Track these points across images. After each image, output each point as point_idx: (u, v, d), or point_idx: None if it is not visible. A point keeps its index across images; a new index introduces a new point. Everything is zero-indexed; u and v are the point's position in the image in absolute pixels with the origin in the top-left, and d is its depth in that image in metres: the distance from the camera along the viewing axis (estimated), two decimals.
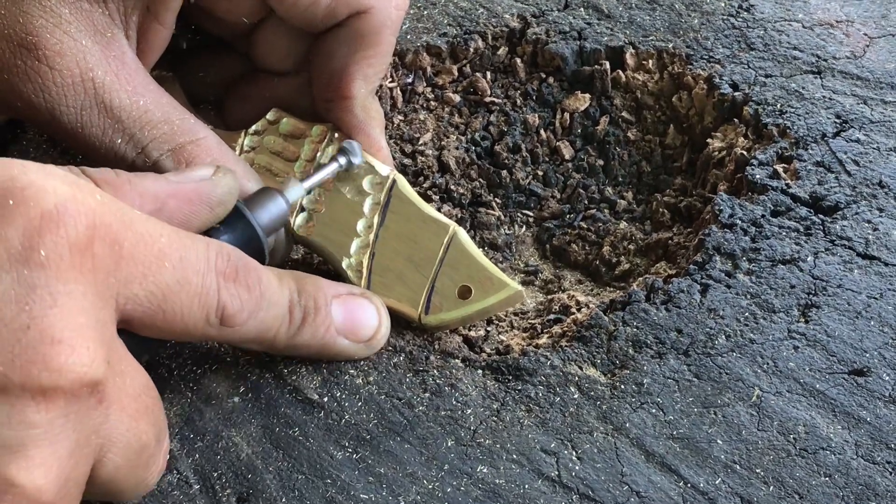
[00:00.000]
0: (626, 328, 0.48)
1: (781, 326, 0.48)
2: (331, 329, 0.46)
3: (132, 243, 0.37)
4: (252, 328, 0.42)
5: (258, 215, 0.46)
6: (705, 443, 0.44)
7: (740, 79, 0.62)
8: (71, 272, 0.34)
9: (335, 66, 0.52)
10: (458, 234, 0.50)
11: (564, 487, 0.43)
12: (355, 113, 0.52)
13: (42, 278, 0.34)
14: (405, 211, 0.51)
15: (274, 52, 0.54)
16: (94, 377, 0.35)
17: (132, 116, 0.46)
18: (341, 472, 0.43)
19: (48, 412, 0.34)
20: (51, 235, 0.34)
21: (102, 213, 0.36)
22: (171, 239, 0.39)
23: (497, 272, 0.49)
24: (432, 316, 0.49)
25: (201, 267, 0.40)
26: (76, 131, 0.46)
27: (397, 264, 0.50)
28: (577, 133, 0.65)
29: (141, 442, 0.38)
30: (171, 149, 0.47)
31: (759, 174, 0.56)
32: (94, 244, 0.35)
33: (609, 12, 0.67)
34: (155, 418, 0.39)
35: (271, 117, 0.54)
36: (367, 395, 0.46)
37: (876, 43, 0.64)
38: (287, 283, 0.44)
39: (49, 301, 0.34)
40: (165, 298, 0.38)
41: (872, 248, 0.51)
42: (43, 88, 0.45)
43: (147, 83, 0.47)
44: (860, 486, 0.42)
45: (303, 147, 0.53)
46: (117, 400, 0.36)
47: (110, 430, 0.36)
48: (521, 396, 0.46)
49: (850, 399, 0.45)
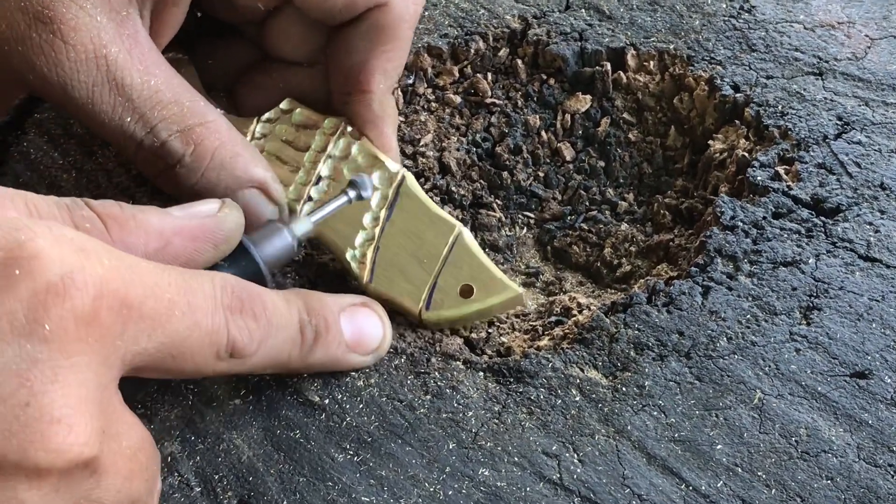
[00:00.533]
0: (627, 330, 0.48)
1: (783, 329, 0.48)
2: (342, 345, 0.45)
3: (140, 301, 0.36)
4: (264, 355, 0.42)
5: (263, 249, 0.45)
6: (707, 445, 0.44)
7: (741, 80, 0.61)
8: (76, 345, 0.34)
9: (354, 61, 0.52)
10: (464, 234, 0.50)
11: (566, 490, 0.43)
12: (373, 108, 0.52)
13: (45, 352, 0.33)
14: (412, 208, 0.51)
15: (288, 42, 0.54)
16: (89, 455, 0.34)
17: (143, 96, 0.46)
18: (342, 475, 0.43)
19: (40, 489, 0.33)
20: (56, 309, 0.33)
21: (110, 279, 0.35)
22: (178, 286, 0.38)
23: (499, 274, 0.50)
24: (433, 312, 0.49)
25: (209, 307, 0.39)
26: (86, 107, 0.46)
27: (401, 259, 0.50)
28: (578, 134, 0.65)
29: (131, 499, 0.37)
30: (179, 130, 0.47)
31: (761, 176, 0.56)
32: (101, 314, 0.34)
33: (610, 13, 0.67)
34: (149, 474, 0.38)
35: (285, 107, 0.54)
36: (369, 397, 0.46)
37: (877, 44, 0.64)
38: (295, 304, 0.44)
39: (50, 376, 0.33)
40: (175, 345, 0.37)
41: (874, 250, 0.51)
42: (56, 62, 0.44)
43: (159, 63, 0.47)
44: (862, 489, 0.42)
45: (314, 138, 0.53)
46: (111, 465, 0.36)
47: (101, 494, 0.36)
48: (522, 399, 0.46)
49: (852, 402, 0.45)
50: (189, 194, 0.48)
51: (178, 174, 0.47)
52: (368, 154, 0.52)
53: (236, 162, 0.48)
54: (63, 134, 0.59)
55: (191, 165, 0.47)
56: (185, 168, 0.47)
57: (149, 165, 0.48)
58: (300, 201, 0.51)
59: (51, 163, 0.57)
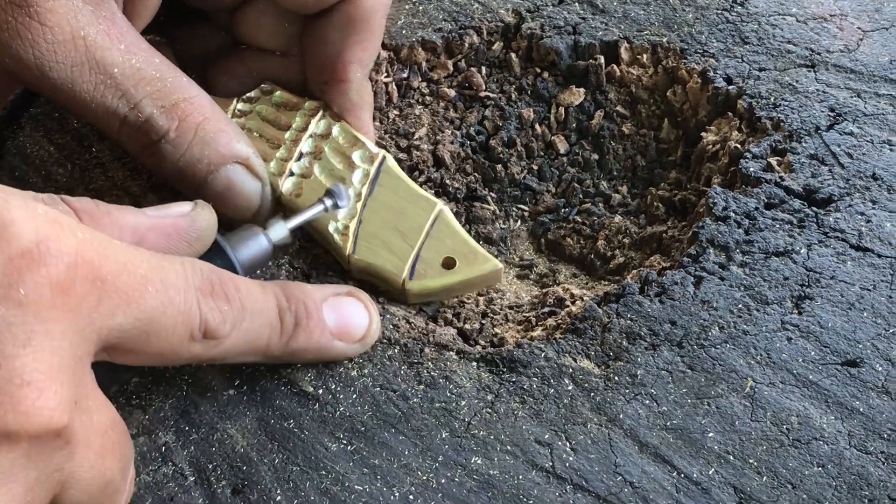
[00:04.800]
0: (620, 320, 0.49)
1: (775, 318, 0.48)
2: (325, 333, 0.45)
3: (114, 275, 0.36)
4: (239, 339, 0.42)
5: (238, 251, 0.45)
6: (699, 433, 0.44)
7: (734, 72, 0.62)
8: (51, 311, 0.34)
9: (329, 51, 0.53)
10: (444, 212, 0.52)
11: (558, 478, 0.43)
12: (350, 96, 0.54)
13: (19, 316, 0.33)
14: (393, 185, 0.52)
15: (261, 31, 0.55)
16: (58, 422, 0.34)
17: (125, 73, 0.46)
18: (336, 464, 0.43)
19: (9, 453, 0.33)
20: (31, 274, 0.33)
21: (84, 250, 0.35)
22: (150, 264, 0.38)
23: (480, 249, 0.51)
24: (416, 282, 0.50)
25: (181, 284, 0.39)
26: (66, 87, 0.46)
27: (384, 232, 0.51)
28: (571, 127, 0.65)
29: (105, 478, 0.37)
30: (164, 105, 0.47)
31: (753, 167, 0.56)
32: (75, 282, 0.35)
33: (603, 7, 0.67)
34: (121, 454, 0.38)
35: (265, 87, 0.55)
36: (362, 387, 0.46)
37: (869, 36, 0.64)
38: (272, 291, 0.44)
39: (23, 339, 0.33)
40: (150, 322, 0.38)
41: (865, 239, 0.51)
42: (33, 44, 0.45)
43: (139, 42, 0.48)
44: (853, 476, 0.42)
45: (295, 118, 0.54)
46: (83, 439, 0.36)
47: (74, 468, 0.36)
48: (515, 388, 0.46)
49: (843, 390, 0.45)
50: (173, 170, 0.48)
51: (162, 149, 0.48)
52: (349, 134, 0.54)
53: (219, 137, 0.48)
54: (59, 128, 0.59)
55: (175, 141, 0.47)
56: (169, 143, 0.48)
57: (132, 141, 0.48)
58: (282, 176, 0.52)
59: (46, 157, 0.58)
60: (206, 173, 0.48)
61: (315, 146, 0.53)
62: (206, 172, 0.48)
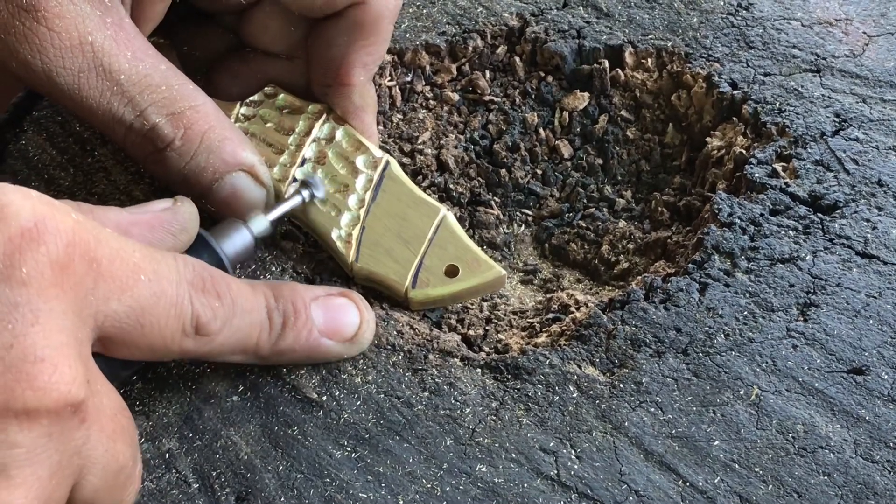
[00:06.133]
0: (624, 327, 0.48)
1: (780, 325, 0.48)
2: (313, 331, 0.45)
3: (109, 260, 0.37)
4: (230, 337, 0.42)
5: (222, 244, 0.46)
6: (704, 441, 0.44)
7: (739, 77, 0.62)
8: (52, 289, 0.34)
9: (334, 54, 0.53)
10: (448, 217, 0.51)
11: (563, 486, 0.43)
12: (353, 100, 0.54)
13: (24, 296, 0.33)
14: (397, 191, 0.52)
15: (267, 34, 0.55)
16: (76, 396, 0.34)
17: (131, 80, 0.46)
18: (340, 471, 0.43)
19: (31, 431, 0.33)
20: (32, 253, 0.34)
21: (79, 230, 0.36)
22: (143, 254, 0.39)
23: (483, 255, 0.51)
24: (419, 291, 0.50)
25: (174, 277, 0.39)
26: (73, 93, 0.46)
27: (387, 239, 0.51)
28: (575, 132, 0.65)
29: (118, 463, 0.37)
30: (169, 113, 0.47)
31: (758, 173, 0.56)
32: (73, 262, 0.35)
33: (608, 11, 0.67)
34: (131, 439, 0.38)
35: (269, 91, 0.55)
36: (366, 393, 0.46)
37: (875, 41, 0.64)
38: (261, 290, 0.44)
39: (31, 318, 0.33)
40: (144, 312, 0.38)
41: (871, 246, 0.51)
42: (40, 49, 0.45)
43: (146, 48, 0.48)
44: (859, 485, 0.42)
45: (299, 122, 0.54)
46: (97, 420, 0.36)
47: (90, 451, 0.36)
48: (519, 395, 0.46)
49: (849, 398, 0.45)
50: (178, 177, 0.48)
51: (167, 157, 0.48)
52: (353, 139, 0.54)
53: (225, 145, 0.48)
54: (61, 132, 0.59)
55: (180, 149, 0.47)
56: (174, 151, 0.47)
57: (137, 149, 0.48)
58: (285, 182, 0.52)
59: (49, 160, 0.57)
60: (210, 181, 0.48)
61: (319, 151, 0.53)
62: (210, 180, 0.48)
